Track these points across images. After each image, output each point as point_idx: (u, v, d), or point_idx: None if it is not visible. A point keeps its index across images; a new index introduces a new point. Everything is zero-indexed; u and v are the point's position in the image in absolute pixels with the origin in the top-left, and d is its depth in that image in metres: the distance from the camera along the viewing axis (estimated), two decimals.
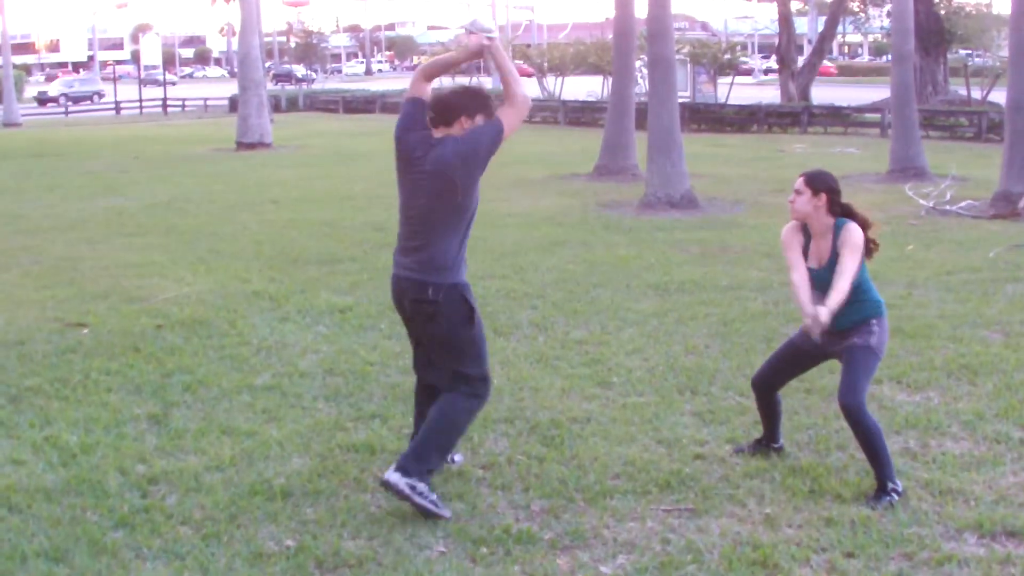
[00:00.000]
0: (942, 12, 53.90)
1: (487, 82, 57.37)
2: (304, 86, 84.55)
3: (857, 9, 63.29)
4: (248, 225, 19.63)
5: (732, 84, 52.18)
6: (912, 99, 28.13)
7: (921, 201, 21.13)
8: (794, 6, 66.91)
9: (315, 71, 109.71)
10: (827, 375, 9.79)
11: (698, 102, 48.19)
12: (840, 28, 69.73)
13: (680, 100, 26.41)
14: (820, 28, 63.75)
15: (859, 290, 7.27)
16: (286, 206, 22.43)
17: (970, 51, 64.63)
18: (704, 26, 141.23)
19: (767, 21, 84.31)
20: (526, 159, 30.52)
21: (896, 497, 7.10)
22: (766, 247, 16.36)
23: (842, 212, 7.41)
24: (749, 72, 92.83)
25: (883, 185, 24.54)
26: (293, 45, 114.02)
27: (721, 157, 32.11)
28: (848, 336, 7.34)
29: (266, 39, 65.38)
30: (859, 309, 7.30)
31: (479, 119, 7.16)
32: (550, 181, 25.78)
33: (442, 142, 7.05)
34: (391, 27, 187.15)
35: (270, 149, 38.09)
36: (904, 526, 6.70)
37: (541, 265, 15.12)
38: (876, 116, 40.90)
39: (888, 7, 43.38)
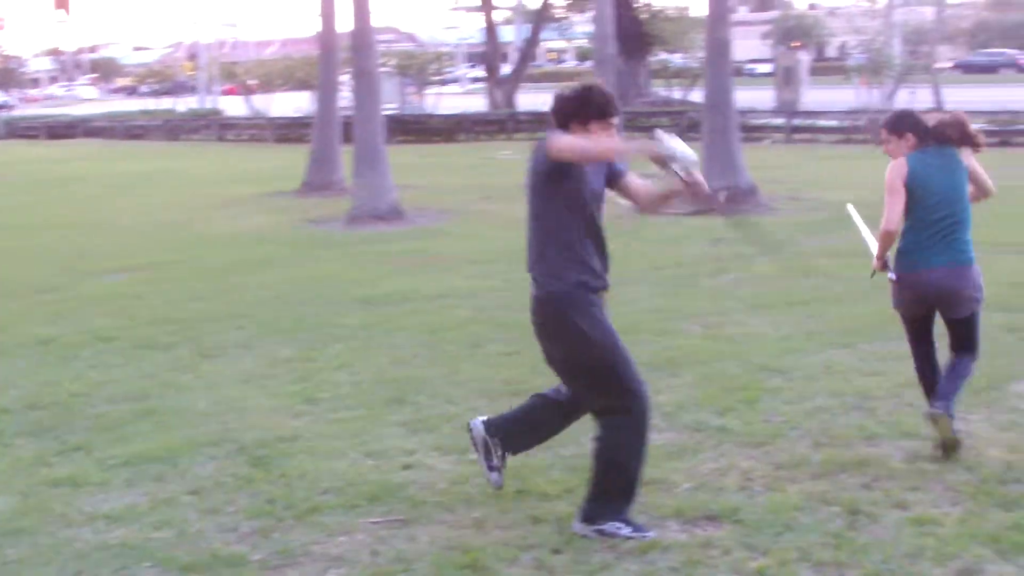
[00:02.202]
0: (643, 16, 55.36)
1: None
2: (3, 113, 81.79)
3: (560, 16, 64.41)
4: None
5: (440, 94, 52.57)
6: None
7: (621, 202, 21.59)
8: (499, 15, 67.72)
9: (10, 96, 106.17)
10: (539, 377, 9.96)
11: (406, 113, 48.47)
12: (546, 35, 70.76)
13: (388, 112, 26.44)
14: (526, 35, 64.54)
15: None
16: None
17: (670, 53, 66.38)
18: (411, 37, 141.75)
19: (472, 31, 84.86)
20: (233, 178, 30.34)
21: None
22: (473, 254, 16.58)
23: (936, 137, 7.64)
24: (456, 81, 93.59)
25: None
26: None
27: (429, 167, 32.33)
28: None
29: None
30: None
31: (593, 126, 6.68)
32: (257, 199, 25.57)
33: None
34: (94, 49, 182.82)
35: None
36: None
37: (248, 285, 14.99)
38: None
39: (591, 13, 44.32)
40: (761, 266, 14.90)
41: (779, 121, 40.37)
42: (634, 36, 53.09)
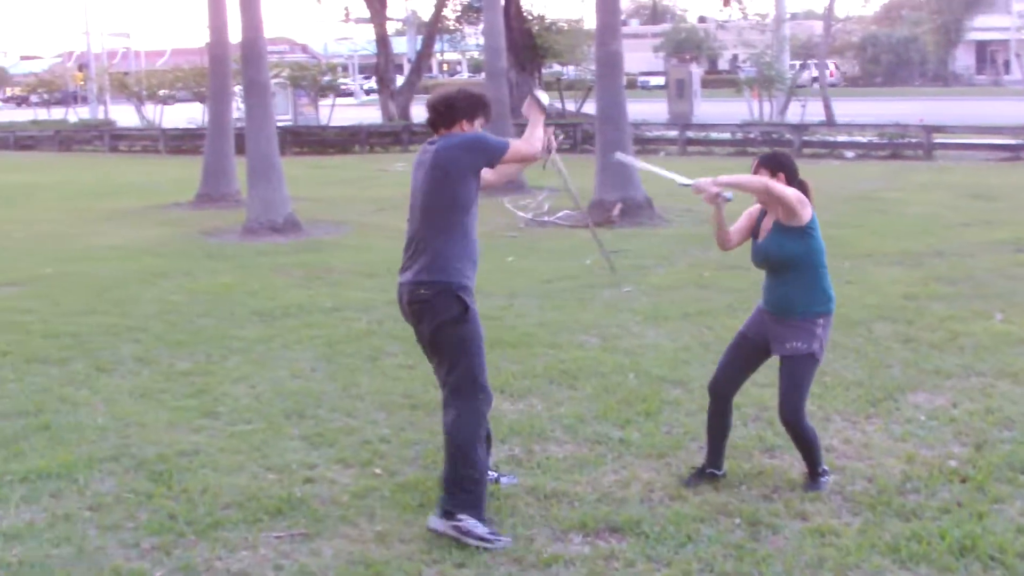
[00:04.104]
0: (535, 29, 55.53)
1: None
2: None
3: (453, 28, 64.40)
4: None
5: (333, 106, 52.35)
6: (507, 114, 28.86)
7: (520, 213, 21.74)
8: (392, 27, 67.49)
9: None
10: (436, 390, 9.96)
11: (300, 125, 48.29)
12: (439, 47, 70.71)
13: (281, 123, 26.17)
14: (419, 47, 64.42)
15: (813, 273, 7.36)
16: None
17: (563, 65, 66.63)
18: (304, 48, 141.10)
19: (365, 42, 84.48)
20: (125, 190, 30.02)
21: (829, 478, 7.60)
22: (369, 267, 16.52)
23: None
24: (350, 93, 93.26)
25: (483, 200, 24.94)
26: None
27: (324, 179, 32.19)
28: (791, 336, 7.33)
29: None
30: (808, 298, 7.34)
31: (478, 124, 7.22)
32: (150, 211, 25.31)
33: (444, 137, 7.13)
34: None
35: None
36: (512, 531, 6.88)
37: (142, 297, 14.77)
38: None
39: (482, 25, 44.49)
40: (656, 278, 15.03)
41: (673, 133, 40.59)
42: (526, 48, 53.31)
